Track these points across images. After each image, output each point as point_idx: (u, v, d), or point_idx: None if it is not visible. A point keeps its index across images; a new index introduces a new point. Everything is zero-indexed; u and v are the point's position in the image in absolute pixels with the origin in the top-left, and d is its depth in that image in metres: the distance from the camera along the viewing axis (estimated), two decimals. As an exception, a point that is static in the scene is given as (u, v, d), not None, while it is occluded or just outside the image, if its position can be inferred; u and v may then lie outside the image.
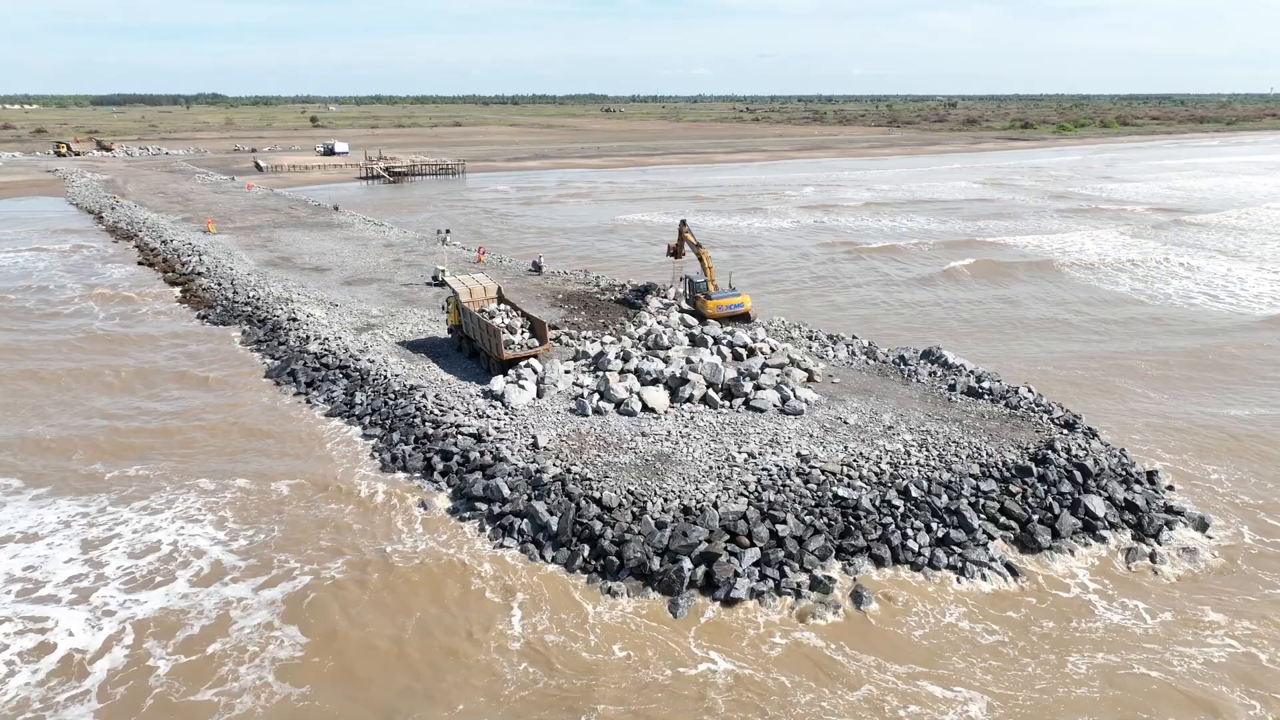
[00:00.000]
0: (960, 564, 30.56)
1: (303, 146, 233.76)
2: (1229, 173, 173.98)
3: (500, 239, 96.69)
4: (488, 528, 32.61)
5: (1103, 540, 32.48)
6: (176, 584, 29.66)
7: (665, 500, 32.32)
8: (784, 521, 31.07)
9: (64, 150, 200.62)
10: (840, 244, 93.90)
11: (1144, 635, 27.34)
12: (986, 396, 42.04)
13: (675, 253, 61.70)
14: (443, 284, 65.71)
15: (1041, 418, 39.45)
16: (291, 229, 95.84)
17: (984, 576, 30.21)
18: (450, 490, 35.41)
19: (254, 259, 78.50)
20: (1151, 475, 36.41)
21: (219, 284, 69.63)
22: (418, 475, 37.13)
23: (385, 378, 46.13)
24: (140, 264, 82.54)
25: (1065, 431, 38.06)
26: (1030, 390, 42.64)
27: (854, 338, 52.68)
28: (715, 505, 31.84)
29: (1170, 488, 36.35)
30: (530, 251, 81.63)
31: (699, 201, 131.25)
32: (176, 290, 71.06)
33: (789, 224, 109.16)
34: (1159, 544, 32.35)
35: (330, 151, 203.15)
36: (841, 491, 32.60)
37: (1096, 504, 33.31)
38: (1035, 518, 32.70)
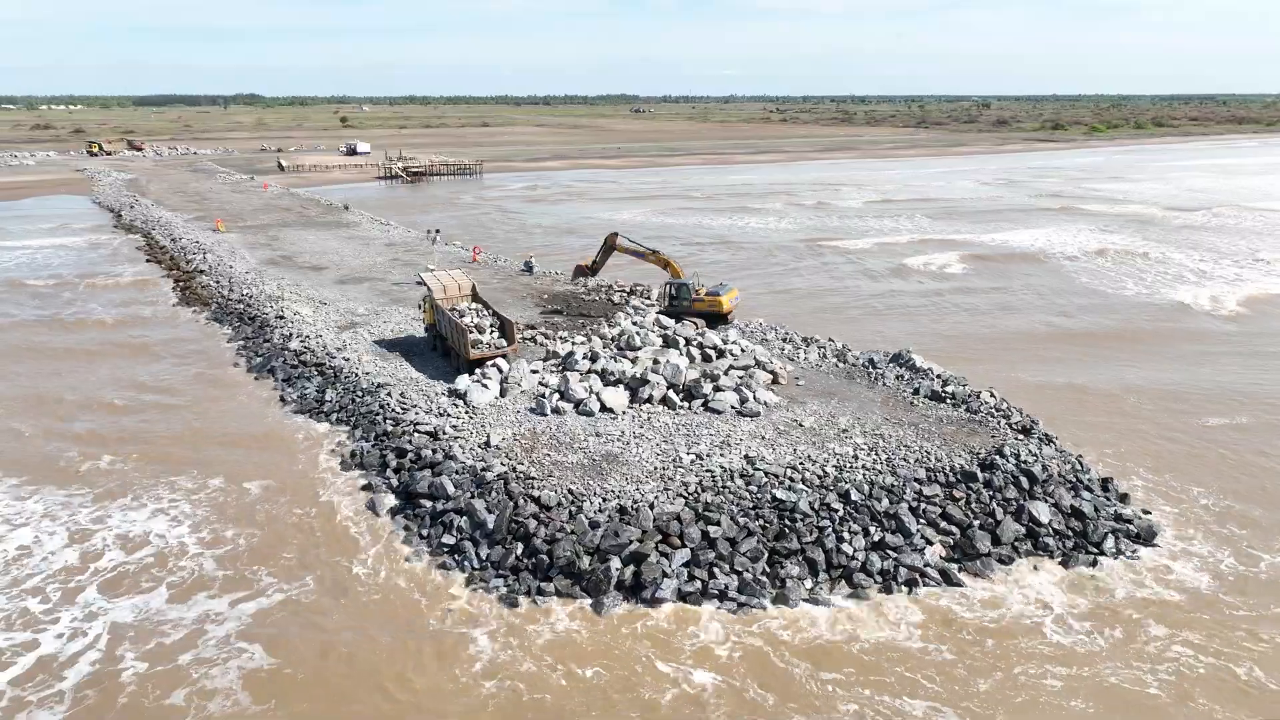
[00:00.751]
0: (894, 568, 30.43)
1: (328, 147, 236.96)
2: (1246, 173, 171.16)
3: (506, 239, 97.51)
4: (428, 531, 32.92)
5: (1045, 548, 32.16)
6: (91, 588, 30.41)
7: (604, 500, 32.52)
8: (717, 523, 31.12)
9: (96, 150, 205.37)
10: (825, 242, 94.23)
11: (1076, 646, 26.98)
12: (949, 401, 41.69)
13: (592, 269, 64.74)
14: (430, 283, 66.44)
15: (999, 423, 39.09)
16: (299, 228, 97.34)
17: (917, 582, 30.05)
18: (399, 488, 35.84)
19: (256, 257, 79.88)
20: (1105, 482, 35.97)
21: (217, 281, 71.00)
22: (374, 472, 37.67)
23: (356, 375, 46.82)
24: (148, 261, 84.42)
25: (1021, 437, 37.67)
26: (993, 395, 42.23)
27: (829, 340, 52.46)
28: (651, 506, 31.99)
29: (1124, 496, 35.83)
30: (532, 251, 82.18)
31: (705, 201, 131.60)
32: (177, 287, 72.61)
33: (787, 224, 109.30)
34: (1102, 553, 31.95)
35: (352, 151, 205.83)
36: (780, 494, 32.57)
37: (1041, 510, 32.96)
38: (977, 524, 32.45)
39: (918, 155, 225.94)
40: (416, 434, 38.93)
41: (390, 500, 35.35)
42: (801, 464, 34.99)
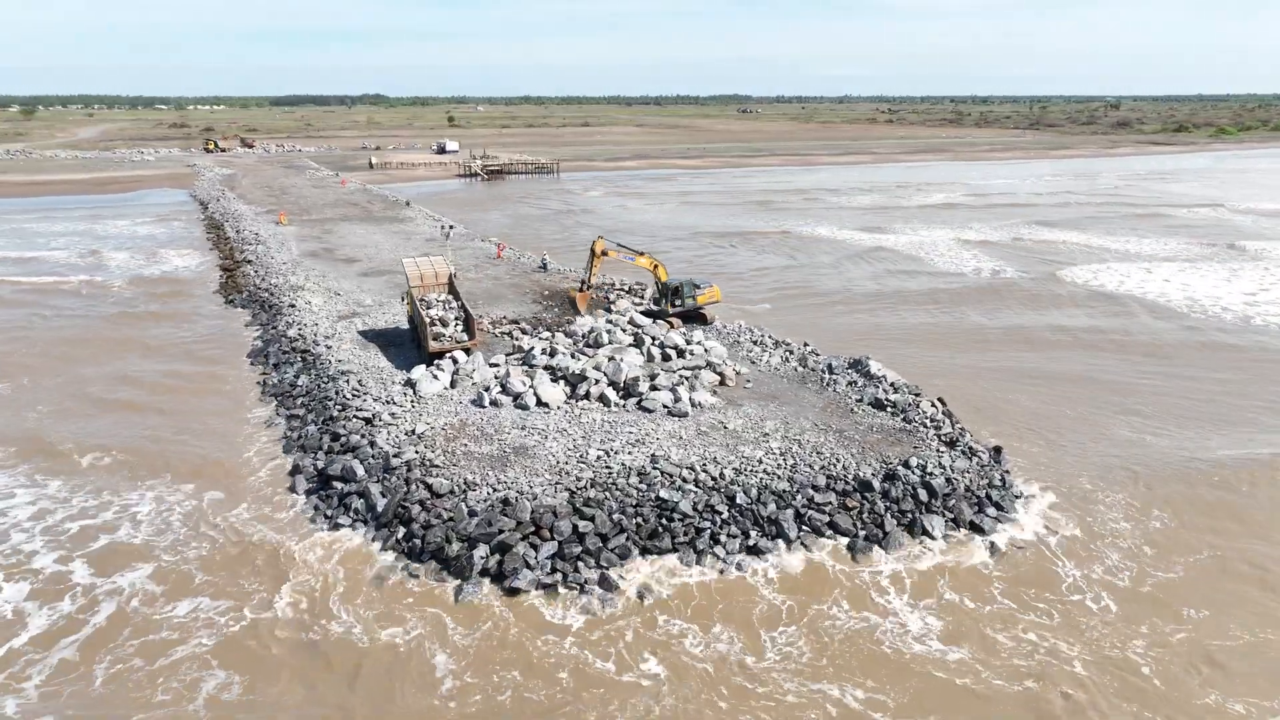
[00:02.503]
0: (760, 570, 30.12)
1: (424, 145, 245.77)
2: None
3: (549, 236, 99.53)
4: (331, 510, 34.49)
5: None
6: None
7: (493, 490, 33.41)
8: (592, 519, 31.54)
9: (211, 147, 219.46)
10: (842, 244, 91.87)
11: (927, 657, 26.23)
12: (889, 409, 40.64)
13: (583, 287, 57.83)
14: (446, 277, 68.76)
15: (929, 433, 37.90)
16: (355, 222, 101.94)
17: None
18: (321, 469, 37.62)
19: (300, 249, 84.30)
20: (1029, 500, 34.44)
21: (256, 270, 75.42)
22: (309, 454, 39.59)
23: (329, 362, 49.17)
24: (211, 250, 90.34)
25: (944, 449, 36.46)
26: (934, 404, 40.90)
27: (804, 344, 51.72)
28: (534, 498, 32.67)
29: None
30: (547, 248, 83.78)
31: (758, 204, 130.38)
32: (224, 274, 77.55)
33: (826, 230, 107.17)
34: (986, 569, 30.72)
35: (442, 150, 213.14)
36: (664, 494, 32.71)
37: (936, 525, 31.99)
38: (863, 534, 31.75)
39: (1013, 157, 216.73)
40: (353, 419, 40.77)
41: (311, 481, 37.17)
42: (704, 465, 34.97)
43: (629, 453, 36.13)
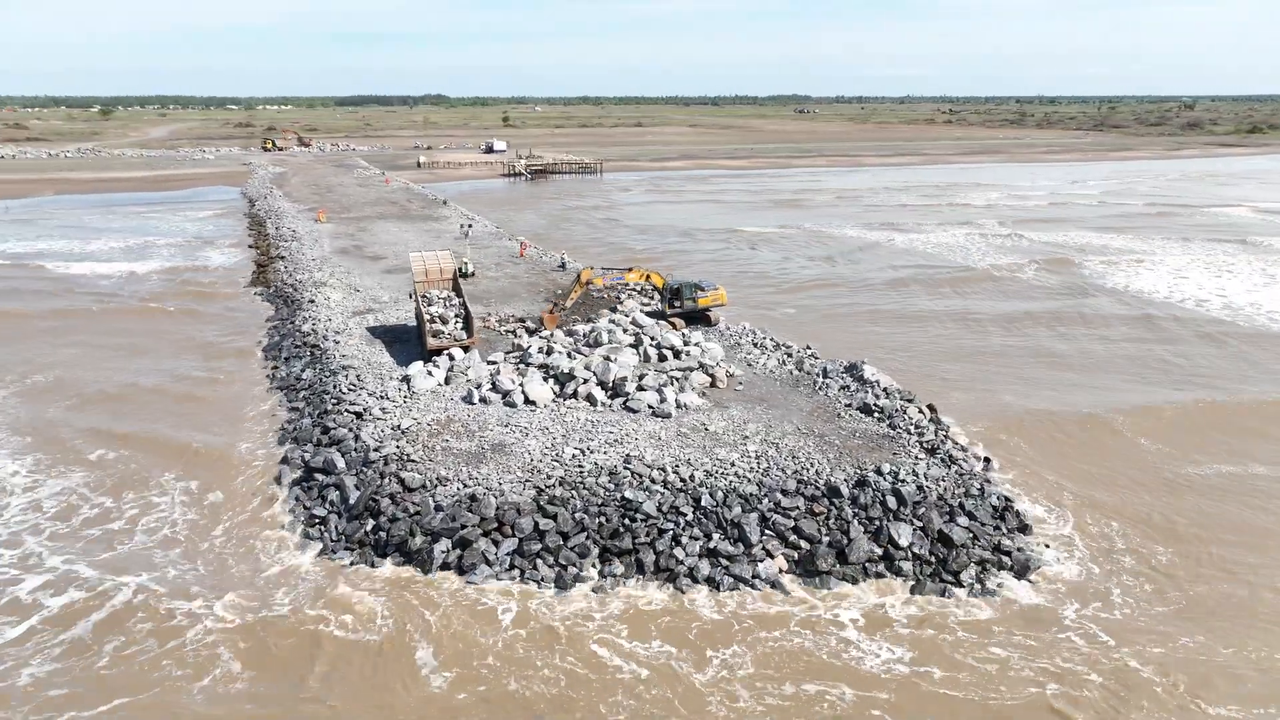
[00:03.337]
0: (720, 578, 30.00)
1: (475, 145, 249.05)
2: None
3: (585, 234, 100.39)
4: (310, 502, 35.32)
5: (899, 572, 30.67)
6: None
7: (463, 485, 33.83)
8: (554, 517, 31.76)
9: (269, 146, 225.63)
10: (842, 240, 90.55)
11: (872, 678, 25.74)
12: (875, 414, 40.04)
13: (554, 308, 54.60)
14: (465, 276, 69.72)
15: (911, 440, 37.25)
16: (390, 220, 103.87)
17: (736, 590, 29.57)
18: (307, 462, 38.50)
19: (331, 246, 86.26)
20: (1004, 510, 33.63)
21: (285, 266, 77.43)
22: (301, 446, 40.58)
23: (334, 357, 50.27)
24: (250, 246, 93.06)
25: (923, 456, 35.79)
26: (923, 411, 40.17)
27: (806, 348, 51.20)
28: (501, 494, 33.01)
29: (1025, 527, 33.41)
30: (598, 246, 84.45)
31: (787, 204, 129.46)
32: (257, 269, 79.87)
33: (854, 231, 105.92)
34: (958, 584, 30.12)
35: (490, 150, 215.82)
36: (629, 494, 32.75)
37: (903, 532, 31.42)
38: (825, 540, 31.37)
39: (1069, 159, 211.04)
40: (344, 413, 41.65)
41: (297, 473, 38.12)
42: (676, 466, 34.93)
43: (604, 452, 36.24)
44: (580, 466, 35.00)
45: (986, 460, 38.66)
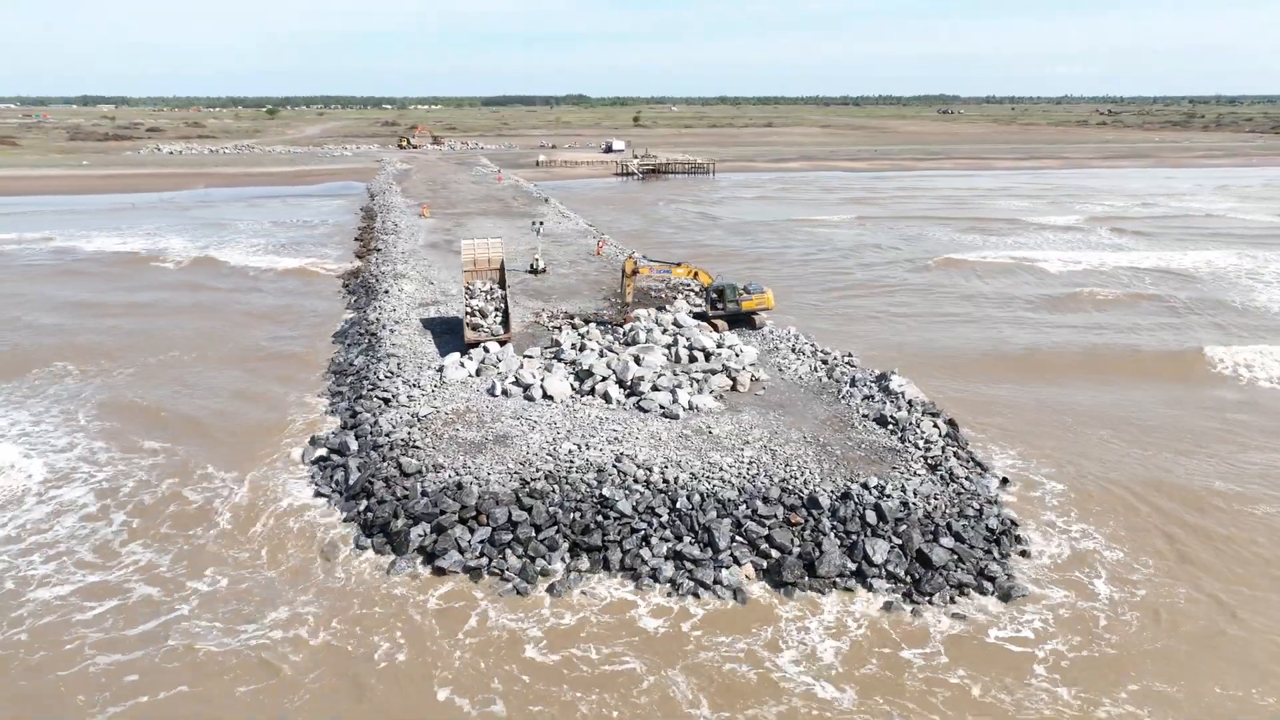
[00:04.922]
0: (681, 580, 29.85)
1: (598, 144, 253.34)
2: None
3: (679, 235, 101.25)
4: (318, 479, 37.43)
5: (870, 588, 29.63)
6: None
7: (455, 474, 34.97)
8: (529, 509, 32.41)
9: (404, 144, 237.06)
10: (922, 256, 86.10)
11: (824, 705, 25.06)
12: (889, 426, 38.62)
13: (623, 307, 55.46)
14: (536, 272, 71.59)
15: (916, 454, 35.76)
16: (488, 217, 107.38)
17: (696, 595, 29.36)
18: (325, 443, 40.72)
19: (424, 240, 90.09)
20: (1002, 535, 31.86)
21: (376, 259, 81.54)
22: (335, 428, 42.90)
23: (385, 346, 52.71)
24: (355, 240, 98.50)
25: (921, 472, 34.30)
26: (938, 426, 38.36)
27: (847, 355, 49.73)
28: (485, 484, 33.93)
29: (1025, 553, 31.58)
30: (693, 248, 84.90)
31: (880, 201, 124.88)
32: (356, 260, 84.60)
33: (947, 235, 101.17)
34: (931, 603, 28.82)
35: (609, 149, 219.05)
36: (606, 491, 32.99)
37: (879, 549, 30.31)
38: (796, 551, 30.63)
39: (1227, 164, 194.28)
40: (374, 399, 43.71)
41: (321, 451, 40.38)
42: (664, 467, 34.91)
43: (600, 449, 36.58)
44: (571, 462, 35.49)
45: (1004, 481, 36.67)
